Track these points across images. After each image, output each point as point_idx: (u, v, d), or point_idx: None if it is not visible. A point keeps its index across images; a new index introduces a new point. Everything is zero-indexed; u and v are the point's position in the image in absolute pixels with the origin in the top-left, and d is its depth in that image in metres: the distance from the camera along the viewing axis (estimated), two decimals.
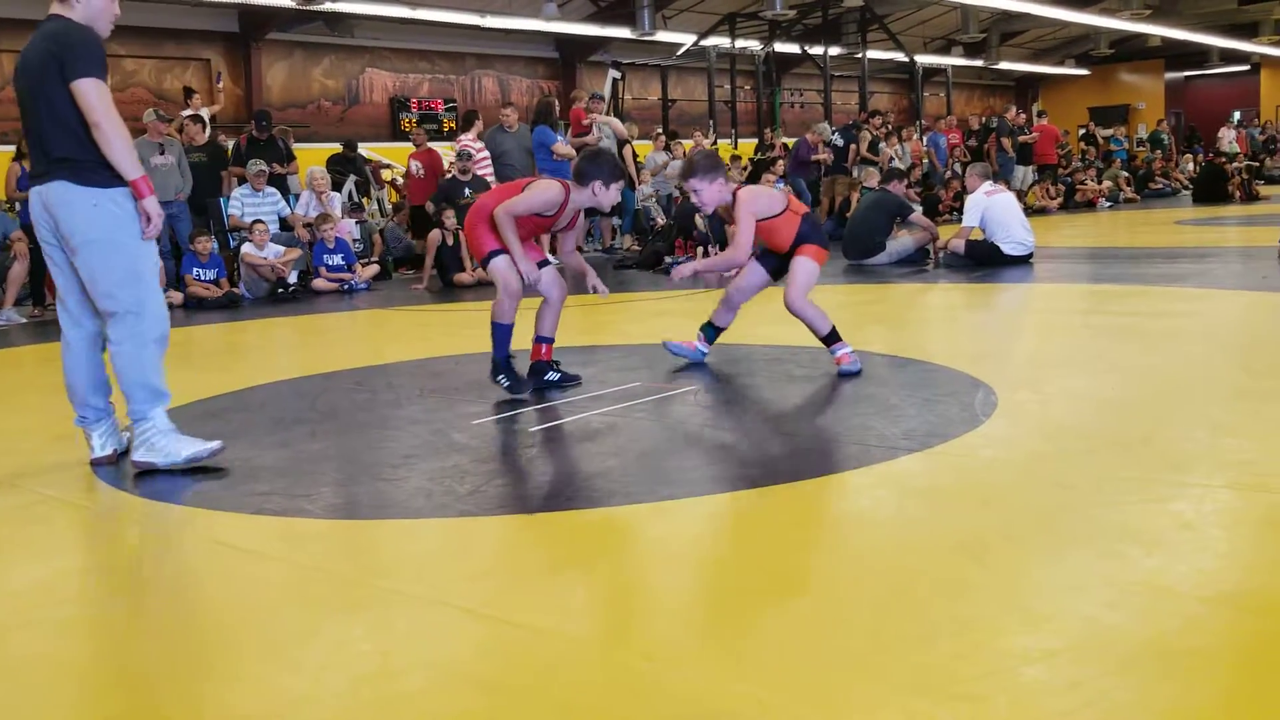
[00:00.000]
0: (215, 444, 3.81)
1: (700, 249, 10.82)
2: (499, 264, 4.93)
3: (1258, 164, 22.95)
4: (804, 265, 5.15)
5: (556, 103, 12.01)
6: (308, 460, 3.95)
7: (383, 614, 2.52)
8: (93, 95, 3.58)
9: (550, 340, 5.13)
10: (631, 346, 6.18)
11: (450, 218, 10.40)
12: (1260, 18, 23.75)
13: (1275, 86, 31.33)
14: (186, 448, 3.75)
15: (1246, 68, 31.08)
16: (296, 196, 11.45)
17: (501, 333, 4.96)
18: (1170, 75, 31.85)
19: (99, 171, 3.65)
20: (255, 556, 3.03)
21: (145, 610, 2.69)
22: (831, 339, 5.11)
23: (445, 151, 13.39)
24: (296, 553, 3.00)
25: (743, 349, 5.99)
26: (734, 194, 5.09)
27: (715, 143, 17.10)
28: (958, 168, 17.02)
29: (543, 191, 4.96)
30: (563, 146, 11.61)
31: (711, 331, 5.55)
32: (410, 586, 2.69)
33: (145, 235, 3.73)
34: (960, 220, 10.31)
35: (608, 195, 5.03)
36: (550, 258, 5.34)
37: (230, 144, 12.10)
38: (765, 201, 5.13)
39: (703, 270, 5.56)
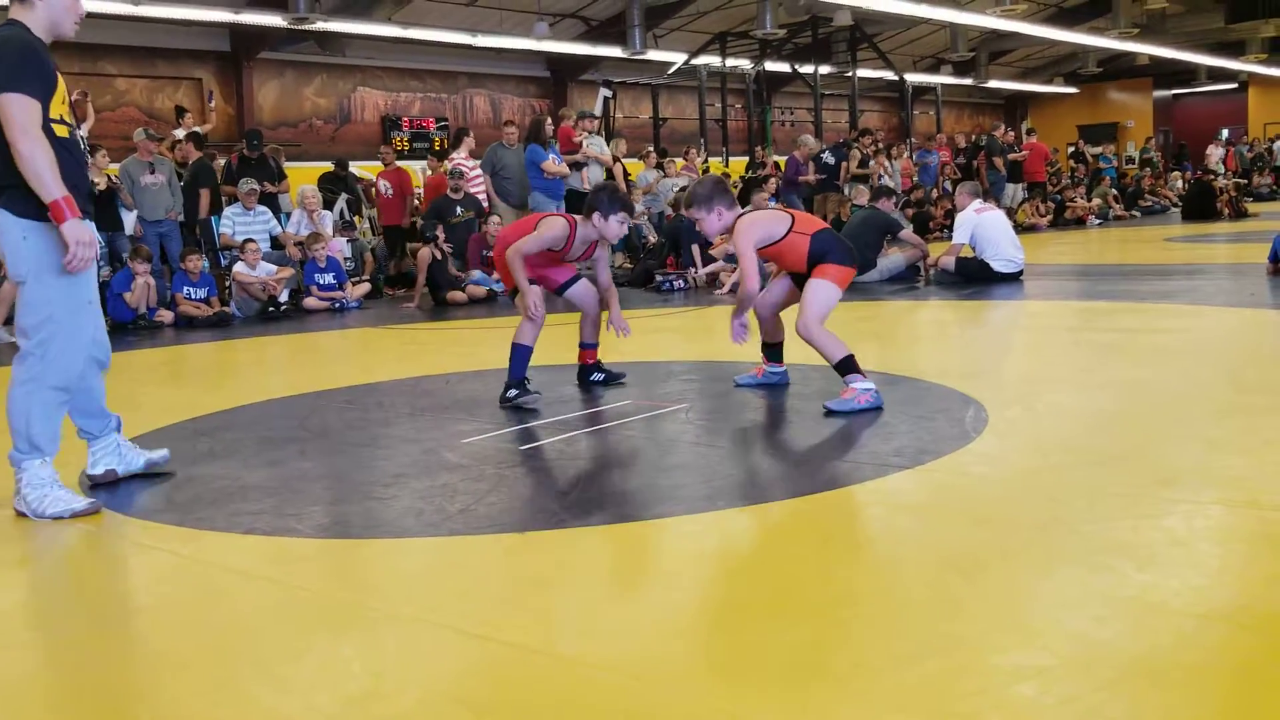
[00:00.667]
0: (84, 503, 3.54)
1: (690, 269, 10.84)
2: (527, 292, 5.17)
3: (1246, 181, 23.09)
4: (818, 289, 4.83)
5: (549, 121, 12.05)
6: (298, 479, 3.94)
7: (373, 634, 2.51)
8: (10, 111, 3.33)
9: (594, 345, 5.54)
10: (624, 364, 6.17)
11: (442, 235, 10.41)
12: (1247, 36, 23.93)
13: (1263, 104, 31.55)
14: (52, 506, 3.49)
15: (1234, 86, 31.30)
16: (288, 215, 11.45)
17: (520, 353, 5.18)
18: (1158, 93, 32.06)
19: (31, 200, 3.40)
20: (245, 576, 3.01)
21: (132, 631, 2.67)
22: (846, 368, 4.71)
23: (422, 168, 13.43)
24: (286, 573, 2.98)
25: (735, 366, 5.99)
26: (734, 223, 4.96)
27: (706, 161, 17.15)
28: (948, 185, 17.09)
29: (549, 230, 5.17)
30: (552, 164, 11.66)
31: (772, 351, 5.34)
32: (400, 606, 2.68)
33: (67, 266, 3.42)
34: (950, 237, 10.34)
35: (609, 227, 5.17)
36: (581, 271, 5.62)
37: (221, 163, 12.11)
38: (764, 229, 4.92)
39: (739, 318, 5.04)
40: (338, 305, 10.23)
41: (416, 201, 12.89)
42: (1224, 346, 5.93)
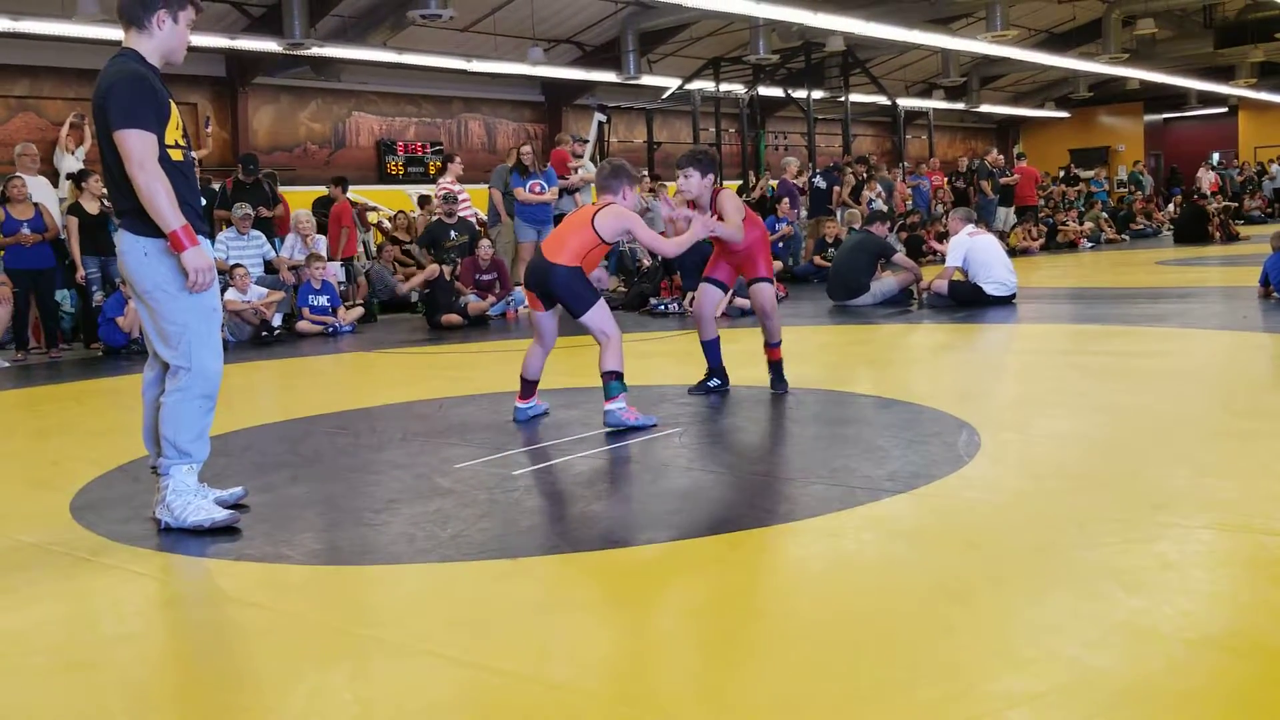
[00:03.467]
0: (225, 515, 3.64)
1: (689, 292, 10.84)
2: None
3: (1237, 205, 23.21)
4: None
5: (526, 148, 12.13)
6: (289, 505, 3.93)
7: (363, 662, 2.50)
8: (127, 147, 3.47)
9: (777, 343, 5.80)
10: None
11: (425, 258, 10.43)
12: (1237, 60, 24.10)
13: (1253, 128, 31.74)
14: (194, 514, 3.60)
15: (1224, 110, 31.50)
16: (282, 239, 11.45)
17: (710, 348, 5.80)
18: (1149, 117, 32.25)
19: (149, 219, 3.54)
20: (235, 603, 3.00)
21: (122, 658, 2.65)
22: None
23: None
24: (277, 599, 2.97)
25: (728, 390, 6.00)
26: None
27: None
28: (940, 209, 17.16)
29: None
30: (523, 192, 11.75)
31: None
32: (391, 633, 2.66)
33: (190, 289, 3.57)
34: (943, 261, 10.38)
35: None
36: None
37: (216, 187, 12.12)
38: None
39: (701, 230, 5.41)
40: (330, 329, 10.22)
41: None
42: (1216, 370, 5.94)
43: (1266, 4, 17.73)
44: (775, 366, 5.79)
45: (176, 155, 3.66)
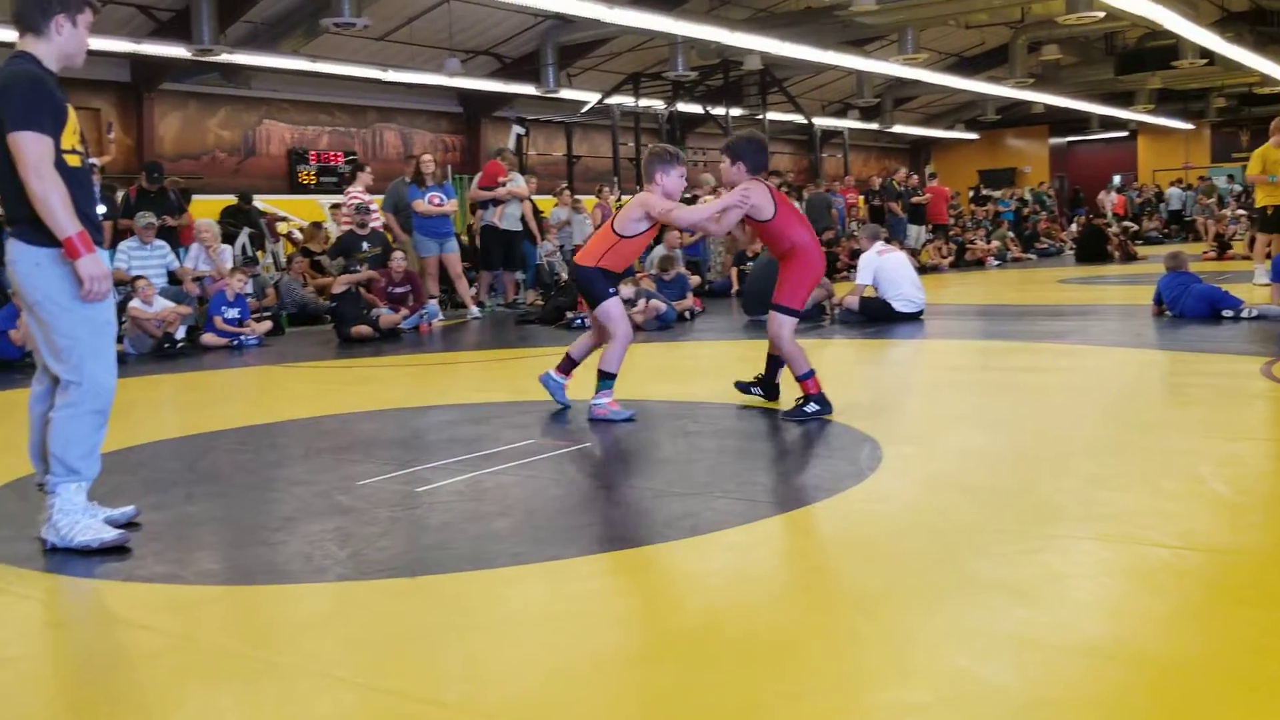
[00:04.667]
0: (114, 535, 3.52)
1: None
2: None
3: (1136, 226, 23.99)
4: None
5: (428, 159, 12.00)
6: (183, 524, 3.83)
7: (252, 684, 2.45)
8: (22, 150, 3.36)
9: (802, 376, 5.39)
10: (529, 404, 6.16)
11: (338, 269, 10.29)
12: (1136, 87, 24.98)
13: (1151, 152, 32.91)
14: (82, 534, 3.48)
15: (1125, 134, 32.61)
16: (186, 249, 11.21)
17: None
18: (1054, 140, 33.26)
19: (43, 229, 3.42)
20: (124, 626, 2.93)
21: (8, 683, 2.56)
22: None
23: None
24: (167, 621, 2.89)
25: (639, 405, 6.01)
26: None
27: (619, 198, 17.27)
28: (854, 226, 17.46)
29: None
30: (421, 204, 11.67)
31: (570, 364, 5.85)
32: (283, 655, 2.62)
33: (83, 298, 3.47)
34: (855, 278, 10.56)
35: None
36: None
37: (120, 195, 11.82)
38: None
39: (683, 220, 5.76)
40: (237, 342, 10.02)
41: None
42: (1109, 385, 6.13)
43: (1164, 33, 18.40)
44: (804, 398, 5.33)
45: (73, 161, 3.55)
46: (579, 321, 10.65)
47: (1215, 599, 2.73)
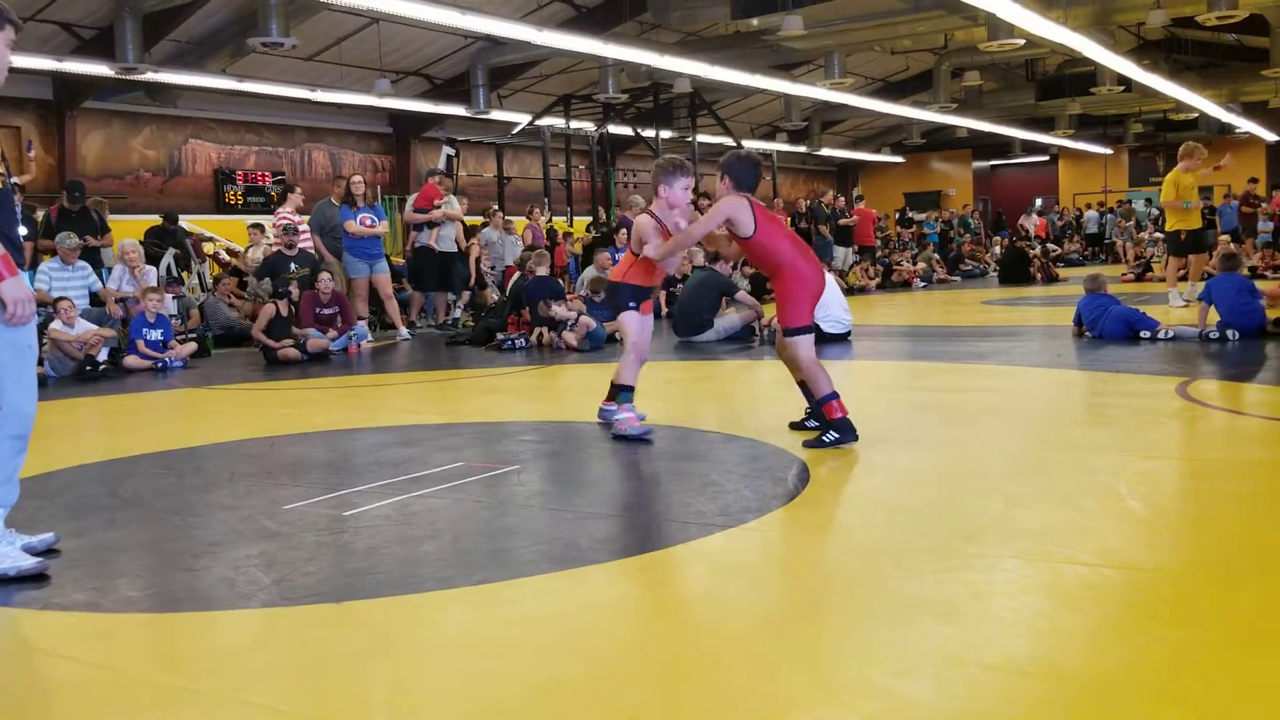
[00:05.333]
0: (32, 563, 3.44)
1: (536, 328, 10.84)
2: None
3: (1058, 248, 24.60)
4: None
5: (357, 180, 11.95)
6: (104, 550, 3.75)
7: (171, 714, 2.40)
8: None
9: (824, 399, 5.18)
10: (459, 425, 6.13)
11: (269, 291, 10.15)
12: (1056, 113, 25.68)
13: (1071, 176, 33.81)
14: None
15: (1046, 158, 33.46)
16: (109, 270, 10.98)
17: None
18: (978, 164, 34.03)
19: None
20: (41, 655, 2.86)
21: None
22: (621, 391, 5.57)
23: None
24: (86, 650, 2.83)
25: (571, 426, 6.02)
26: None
27: (550, 219, 17.28)
28: None
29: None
30: (353, 225, 11.63)
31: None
32: (204, 683, 2.57)
33: (7, 322, 3.40)
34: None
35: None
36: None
37: (40, 215, 11.55)
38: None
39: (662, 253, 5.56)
40: (161, 365, 9.82)
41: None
42: (1030, 405, 6.27)
43: (1083, 60, 18.94)
44: (824, 427, 5.15)
45: None
46: (509, 343, 10.63)
47: (1132, 616, 2.80)
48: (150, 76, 14.33)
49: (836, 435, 5.04)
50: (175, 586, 3.33)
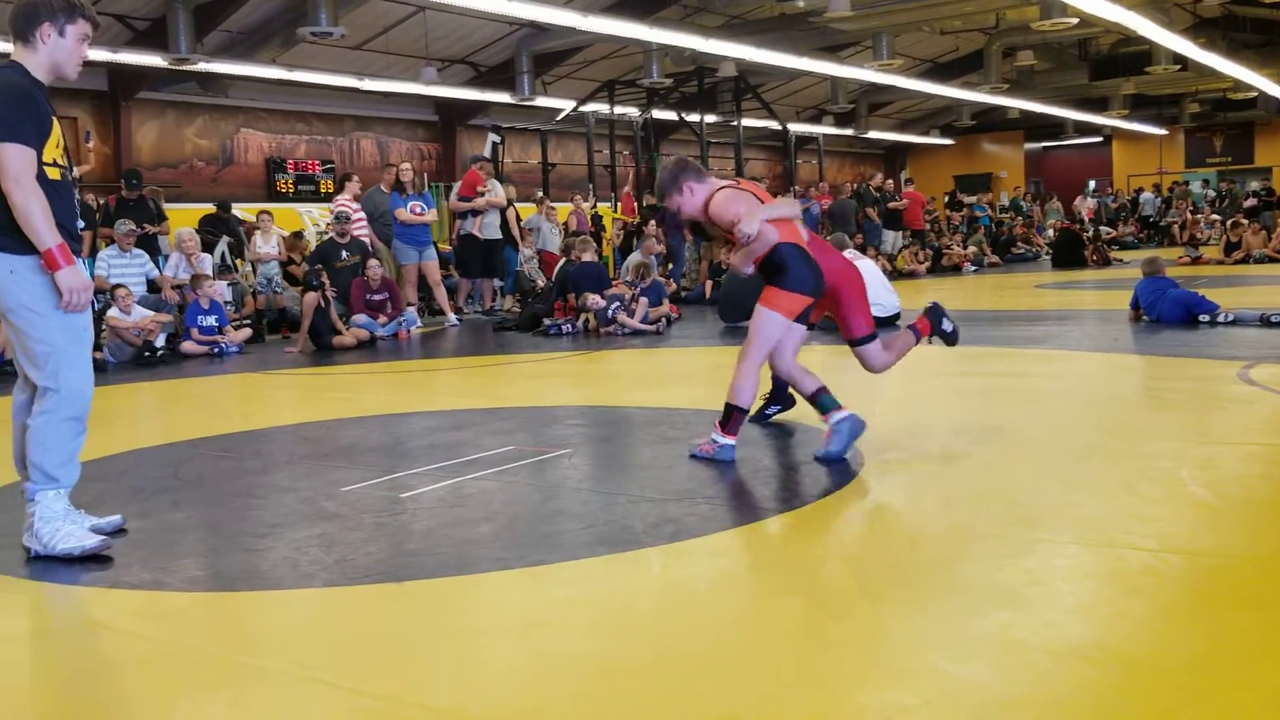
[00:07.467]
0: (95, 542, 3.51)
1: (579, 314, 10.87)
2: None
3: (1112, 231, 24.21)
4: (756, 320, 4.52)
5: (406, 168, 12.07)
6: (169, 531, 3.83)
7: (241, 691, 2.45)
8: (4, 160, 3.35)
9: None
10: (508, 409, 6.17)
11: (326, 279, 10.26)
12: (1110, 92, 25.21)
13: (1126, 157, 33.21)
14: (64, 541, 3.48)
15: (1099, 139, 32.90)
16: (166, 258, 11.16)
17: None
18: (1029, 145, 33.51)
19: (19, 237, 3.42)
20: (111, 632, 2.92)
21: None
22: (725, 417, 4.51)
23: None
24: (154, 628, 2.89)
25: (619, 411, 6.04)
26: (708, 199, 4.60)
27: (595, 205, 17.29)
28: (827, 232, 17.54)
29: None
30: (404, 213, 11.72)
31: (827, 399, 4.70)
32: (271, 661, 2.62)
33: (63, 309, 3.48)
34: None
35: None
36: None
37: (98, 205, 11.75)
38: (744, 204, 4.52)
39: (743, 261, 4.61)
40: (217, 350, 9.98)
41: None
42: (1087, 390, 6.19)
43: (1138, 39, 18.59)
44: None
45: (54, 174, 3.55)
46: (555, 329, 10.67)
47: (1195, 602, 2.77)
48: (202, 67, 14.50)
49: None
50: (239, 566, 3.39)
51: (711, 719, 2.20)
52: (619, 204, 18.24)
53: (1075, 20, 15.36)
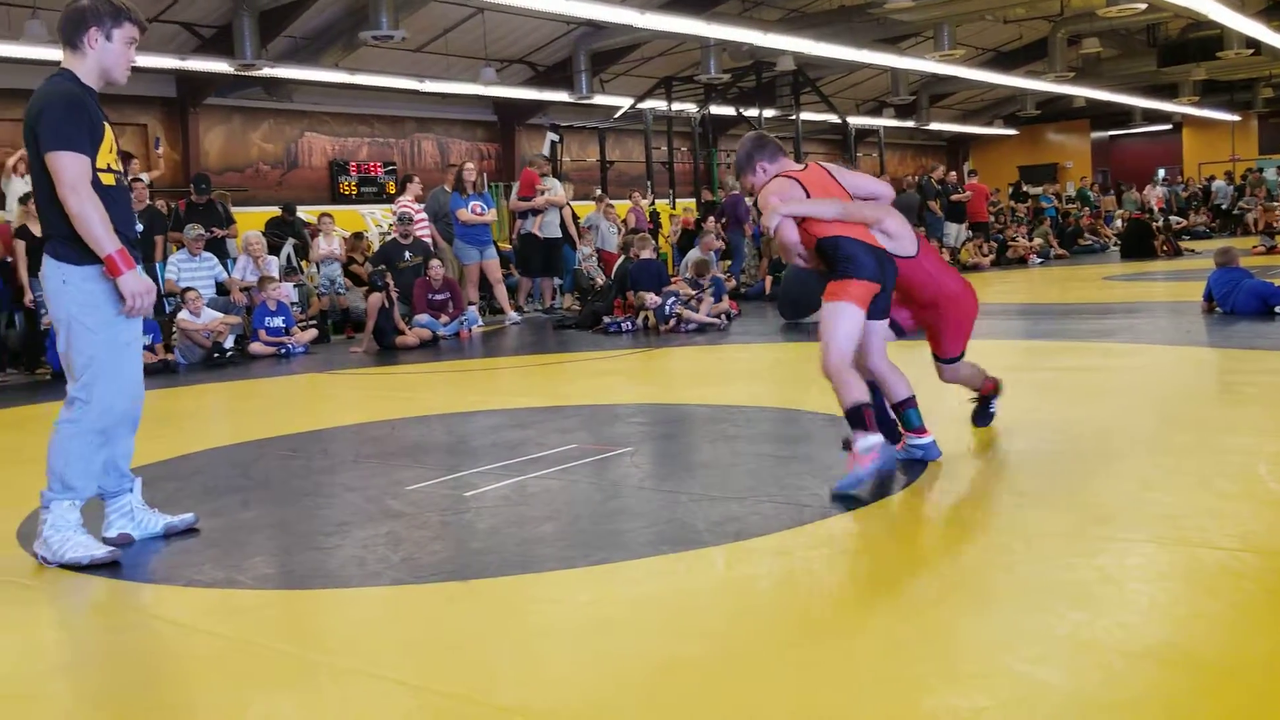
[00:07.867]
0: (104, 552, 3.51)
1: (639, 313, 10.86)
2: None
3: (1183, 221, 23.65)
4: (827, 316, 4.07)
5: (468, 168, 12.14)
6: (239, 530, 3.90)
7: (313, 688, 2.49)
8: (58, 169, 3.39)
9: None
10: (570, 408, 6.19)
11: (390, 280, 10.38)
12: (1180, 79, 24.64)
13: (1196, 145, 32.43)
14: (72, 550, 3.47)
15: (1169, 127, 32.16)
16: (234, 260, 11.37)
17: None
18: (1096, 134, 32.87)
19: (73, 246, 3.45)
20: (184, 630, 2.98)
21: (60, 690, 2.62)
22: (852, 419, 3.95)
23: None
24: (226, 625, 2.95)
25: (680, 409, 6.03)
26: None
27: (654, 203, 17.29)
28: None
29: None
30: (465, 213, 11.79)
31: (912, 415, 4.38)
32: (341, 658, 2.65)
33: (126, 313, 3.51)
34: None
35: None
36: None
37: (169, 209, 12.00)
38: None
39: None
40: (284, 351, 10.14)
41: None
42: (1159, 385, 6.06)
43: (1207, 24, 18.15)
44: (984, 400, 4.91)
45: (108, 180, 3.56)
46: (615, 326, 10.68)
47: (1273, 603, 2.69)
48: (267, 72, 14.75)
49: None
50: (308, 564, 3.44)
51: (782, 718, 2.19)
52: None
53: (1143, 5, 15.04)
